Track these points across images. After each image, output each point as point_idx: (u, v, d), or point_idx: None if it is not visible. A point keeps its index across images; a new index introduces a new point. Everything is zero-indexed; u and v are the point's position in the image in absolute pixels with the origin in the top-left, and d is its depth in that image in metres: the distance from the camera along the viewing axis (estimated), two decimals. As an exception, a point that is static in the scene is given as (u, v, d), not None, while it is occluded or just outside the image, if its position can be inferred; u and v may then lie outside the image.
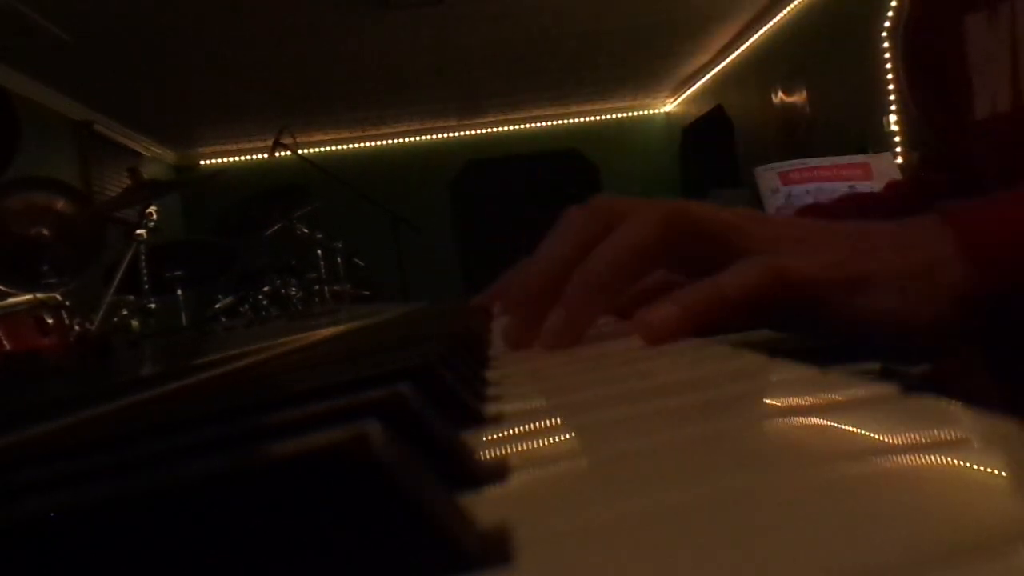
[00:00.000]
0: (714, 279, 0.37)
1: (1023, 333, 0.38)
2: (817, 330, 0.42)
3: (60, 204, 2.49)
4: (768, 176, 2.80)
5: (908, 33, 0.73)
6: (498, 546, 0.12)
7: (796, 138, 5.14)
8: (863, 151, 3.48)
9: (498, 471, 0.16)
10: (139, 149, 6.02)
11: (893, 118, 4.06)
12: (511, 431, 0.21)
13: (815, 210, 0.76)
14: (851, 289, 0.38)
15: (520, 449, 0.19)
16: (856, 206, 0.76)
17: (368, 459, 0.12)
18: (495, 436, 0.21)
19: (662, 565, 0.11)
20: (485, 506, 0.14)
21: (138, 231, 2.68)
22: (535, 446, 0.19)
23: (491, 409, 0.25)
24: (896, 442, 0.15)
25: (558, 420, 0.22)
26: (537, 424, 0.22)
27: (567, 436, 0.21)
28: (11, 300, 1.48)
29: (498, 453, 0.18)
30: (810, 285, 0.38)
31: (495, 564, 0.11)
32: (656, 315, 0.36)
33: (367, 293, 3.94)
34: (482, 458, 0.18)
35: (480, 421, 0.23)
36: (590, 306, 0.40)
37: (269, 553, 0.12)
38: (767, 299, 0.37)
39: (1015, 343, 0.40)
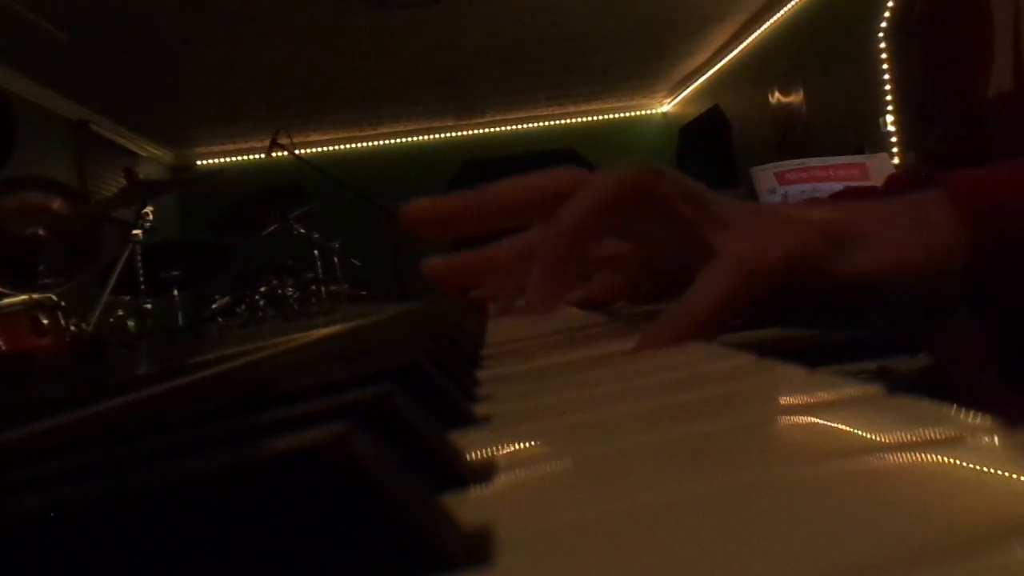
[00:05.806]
0: (682, 303, 0.36)
1: (1014, 292, 0.37)
2: (811, 311, 0.40)
3: (56, 204, 2.49)
4: (765, 176, 2.80)
5: (927, 16, 0.72)
6: (479, 547, 0.12)
7: (793, 138, 5.15)
8: (860, 151, 3.48)
9: (484, 471, 0.16)
10: (135, 149, 6.01)
11: (890, 119, 4.07)
12: (499, 431, 0.21)
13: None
14: (839, 246, 0.37)
15: (508, 450, 0.19)
16: (856, 198, 0.74)
17: (346, 460, 0.12)
18: (483, 436, 0.21)
19: (643, 565, 0.10)
20: (469, 507, 0.14)
21: (134, 231, 2.67)
22: (523, 446, 0.19)
23: (481, 409, 0.25)
24: (884, 441, 0.15)
25: (547, 421, 0.22)
26: (525, 424, 0.22)
27: (555, 437, 0.21)
28: (7, 300, 1.47)
29: (485, 453, 0.18)
30: (797, 259, 0.36)
31: (475, 564, 0.11)
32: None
33: (364, 293, 3.93)
34: (469, 458, 0.18)
35: (469, 421, 0.23)
36: (563, 263, 0.39)
37: (249, 553, 0.12)
38: (743, 301, 0.36)
39: (1006, 304, 0.40)
